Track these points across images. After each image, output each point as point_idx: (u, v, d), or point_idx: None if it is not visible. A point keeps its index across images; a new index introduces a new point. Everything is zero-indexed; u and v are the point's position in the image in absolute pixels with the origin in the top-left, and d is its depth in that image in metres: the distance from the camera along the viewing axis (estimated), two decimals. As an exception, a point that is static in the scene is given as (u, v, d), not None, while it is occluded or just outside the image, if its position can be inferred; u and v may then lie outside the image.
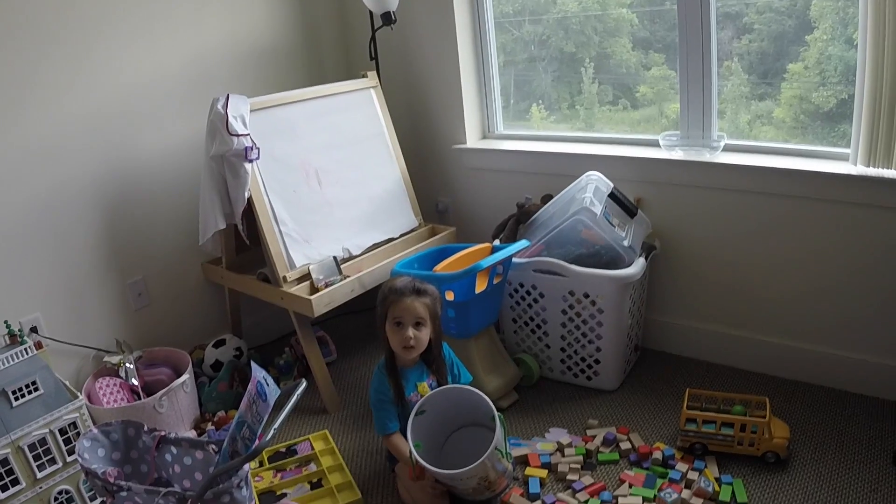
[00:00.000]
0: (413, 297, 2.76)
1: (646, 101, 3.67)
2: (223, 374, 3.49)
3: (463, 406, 2.76)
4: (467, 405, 2.74)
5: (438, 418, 2.75)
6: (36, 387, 2.68)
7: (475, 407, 2.71)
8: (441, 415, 2.76)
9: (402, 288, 2.78)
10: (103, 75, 3.27)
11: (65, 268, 3.27)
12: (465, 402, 2.74)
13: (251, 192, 3.18)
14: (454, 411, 2.78)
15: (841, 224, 2.99)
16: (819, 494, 2.60)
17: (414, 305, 2.76)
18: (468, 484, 2.58)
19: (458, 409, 2.78)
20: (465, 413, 2.78)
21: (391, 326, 2.78)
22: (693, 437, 2.83)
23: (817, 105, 3.14)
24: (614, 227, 3.15)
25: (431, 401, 2.73)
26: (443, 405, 2.75)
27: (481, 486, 2.62)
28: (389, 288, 2.80)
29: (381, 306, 2.80)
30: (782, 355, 3.30)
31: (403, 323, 2.76)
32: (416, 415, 2.68)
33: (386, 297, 2.79)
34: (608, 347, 3.27)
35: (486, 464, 2.53)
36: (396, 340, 2.78)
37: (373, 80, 3.82)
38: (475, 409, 2.72)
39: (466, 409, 2.76)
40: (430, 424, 2.73)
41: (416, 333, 2.76)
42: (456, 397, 2.76)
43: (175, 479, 2.52)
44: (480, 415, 2.71)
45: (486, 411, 2.66)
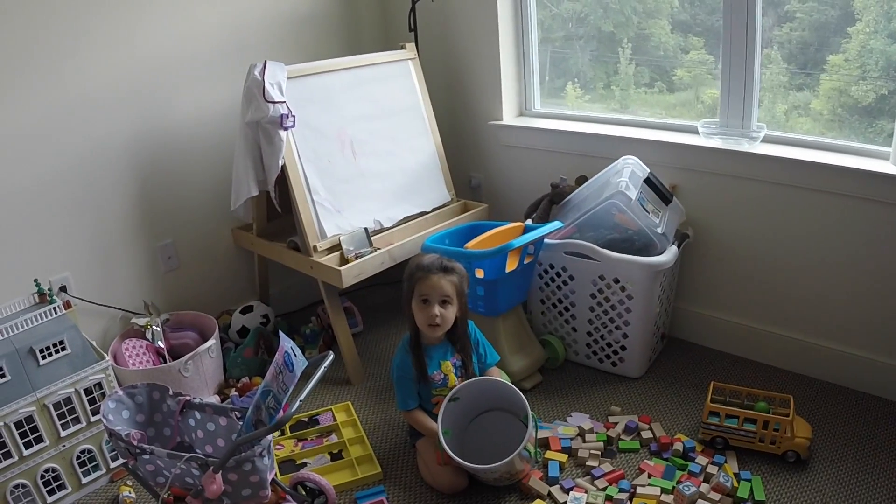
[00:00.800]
0: (440, 274, 2.75)
1: (682, 85, 3.62)
2: (249, 340, 3.50)
3: (497, 400, 2.77)
4: (502, 400, 2.76)
5: (470, 404, 2.76)
6: (63, 346, 2.70)
7: (510, 403, 2.73)
8: (473, 403, 2.77)
9: (430, 265, 2.77)
10: (144, 38, 3.27)
11: (96, 228, 3.29)
12: (501, 396, 2.75)
13: (285, 160, 3.17)
14: (486, 401, 2.79)
15: (878, 224, 2.94)
16: (837, 498, 2.59)
17: (441, 283, 2.75)
18: (490, 475, 2.59)
19: (491, 400, 2.79)
20: (497, 403, 2.79)
21: (417, 303, 2.78)
22: (715, 430, 2.82)
23: (856, 99, 3.09)
24: (648, 213, 3.13)
25: (467, 389, 2.74)
26: (477, 395, 2.76)
27: (504, 477, 2.63)
28: (416, 265, 2.80)
29: (408, 283, 2.80)
30: (810, 354, 3.27)
31: (430, 300, 2.75)
32: (449, 401, 2.69)
33: (413, 273, 2.79)
34: (635, 334, 3.25)
35: (514, 460, 2.54)
36: (422, 318, 2.77)
37: (411, 52, 3.80)
38: (509, 405, 2.74)
39: (500, 403, 2.78)
40: (461, 411, 2.75)
41: (442, 311, 2.76)
42: (492, 390, 2.77)
43: (198, 444, 2.54)
44: (513, 409, 2.73)
45: (521, 409, 2.67)
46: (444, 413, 2.66)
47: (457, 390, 2.72)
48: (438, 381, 2.82)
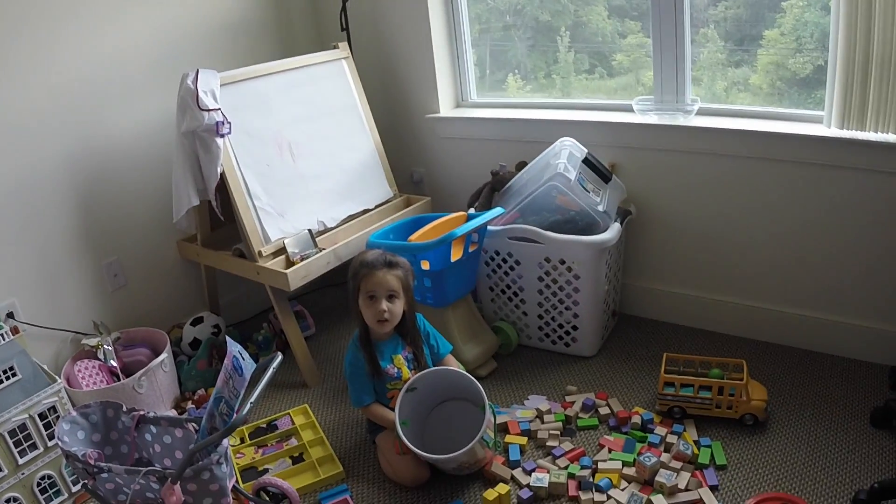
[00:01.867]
0: (385, 269, 2.76)
1: (622, 70, 3.65)
2: (202, 352, 3.48)
3: (454, 389, 2.78)
4: (458, 389, 2.77)
5: (427, 395, 2.77)
6: (14, 372, 2.66)
7: (467, 392, 2.74)
8: (431, 392, 2.77)
9: (374, 261, 2.77)
10: (71, 53, 3.22)
11: (38, 251, 3.23)
12: (457, 385, 2.76)
13: (224, 167, 3.14)
14: (443, 391, 2.80)
15: (816, 186, 3.00)
16: (797, 455, 2.63)
17: (386, 278, 2.75)
18: (453, 464, 2.60)
19: (449, 390, 2.80)
20: (454, 393, 2.80)
21: (364, 300, 2.78)
22: (671, 400, 2.85)
23: (794, 71, 3.15)
24: (589, 193, 3.15)
25: (423, 379, 2.75)
26: (433, 385, 2.77)
27: (465, 466, 2.65)
28: (360, 262, 2.80)
29: (353, 280, 2.80)
30: (759, 318, 3.32)
31: (377, 296, 2.75)
32: (406, 391, 2.70)
33: (357, 271, 2.78)
34: (585, 313, 3.28)
35: (474, 448, 2.56)
36: (370, 314, 2.77)
37: (344, 52, 3.79)
38: (466, 393, 2.75)
39: (456, 391, 2.79)
40: (419, 401, 2.75)
41: (389, 306, 2.76)
42: (448, 379, 2.78)
43: (156, 458, 2.52)
44: (471, 398, 2.74)
45: (478, 399, 2.68)
46: (401, 403, 2.67)
47: (413, 380, 2.72)
48: (392, 374, 2.82)
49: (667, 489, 2.48)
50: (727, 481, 2.56)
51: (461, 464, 2.61)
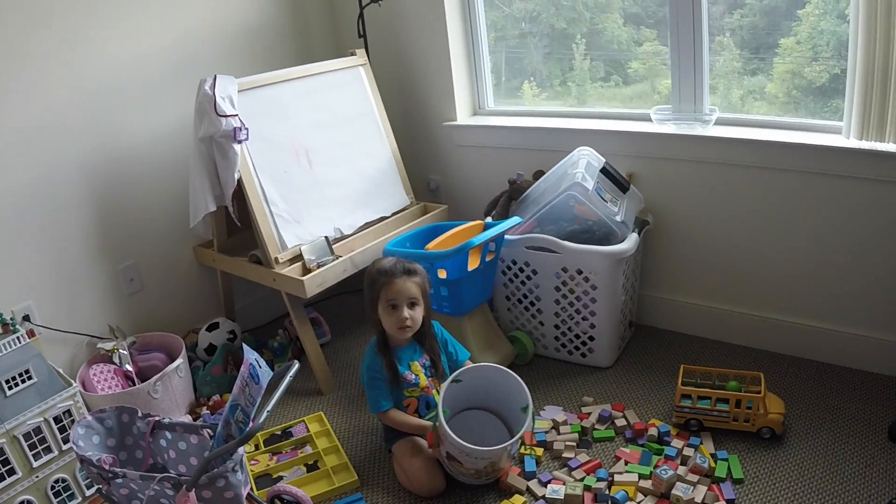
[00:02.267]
0: (405, 277, 2.76)
1: (638, 77, 3.64)
2: (217, 357, 3.48)
3: (497, 386, 2.75)
4: (502, 387, 2.74)
5: (468, 392, 2.72)
6: (29, 375, 2.67)
7: (509, 391, 2.71)
8: (471, 389, 2.73)
9: (392, 269, 2.77)
10: (90, 59, 3.24)
11: (56, 255, 3.25)
12: (502, 383, 2.74)
13: (241, 173, 3.15)
14: (484, 390, 2.76)
15: (834, 197, 2.98)
16: (815, 470, 2.61)
17: (407, 286, 2.75)
18: (479, 464, 2.57)
19: (490, 388, 2.76)
20: (494, 394, 2.76)
21: (385, 309, 2.77)
22: (688, 413, 2.83)
23: (810, 80, 3.13)
24: (606, 203, 3.14)
25: (470, 373, 2.72)
26: (479, 380, 2.74)
27: (487, 470, 2.62)
28: (378, 270, 2.79)
29: (371, 290, 2.79)
30: (777, 330, 3.30)
31: (398, 304, 2.75)
32: (451, 382, 2.67)
33: (376, 279, 2.78)
34: (602, 324, 3.27)
35: (508, 450, 2.55)
36: (392, 322, 2.77)
37: (361, 58, 3.79)
38: (508, 393, 2.72)
39: (498, 391, 2.75)
40: (457, 397, 2.71)
41: (411, 313, 2.76)
42: (494, 376, 2.75)
43: (170, 464, 2.52)
44: (507, 400, 2.72)
45: (521, 399, 2.67)
46: (444, 394, 2.64)
47: (460, 372, 2.70)
48: (410, 381, 2.82)
49: (683, 502, 2.47)
50: (744, 495, 2.54)
51: (485, 467, 2.59)
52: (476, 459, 2.55)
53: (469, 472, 2.62)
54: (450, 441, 2.54)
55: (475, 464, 2.58)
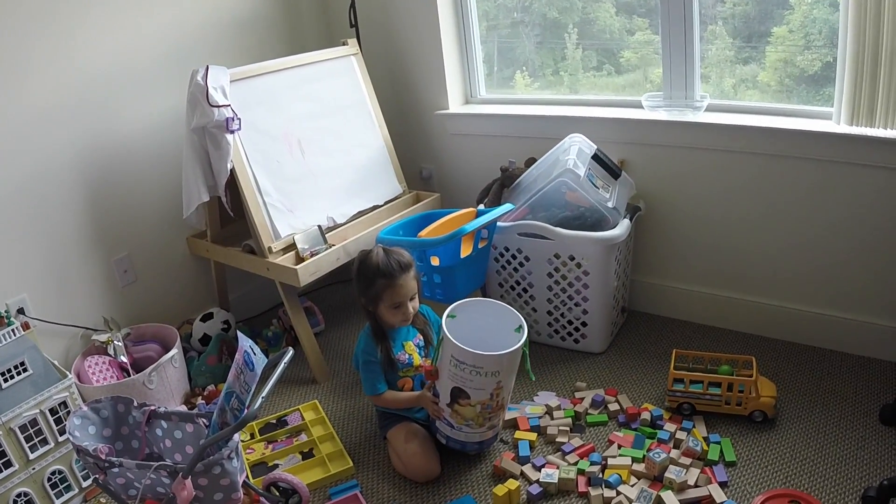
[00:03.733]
0: (404, 275, 2.75)
1: (630, 67, 3.65)
2: (211, 347, 3.49)
3: (489, 315, 2.74)
4: (494, 314, 2.73)
5: (461, 331, 2.62)
6: (25, 367, 2.68)
7: (501, 316, 2.72)
8: (465, 326, 2.67)
9: (389, 269, 2.73)
10: (82, 50, 3.23)
11: (49, 247, 3.25)
12: (493, 311, 2.74)
13: (234, 163, 3.16)
14: (476, 326, 2.71)
15: (825, 183, 2.99)
16: (807, 452, 2.64)
17: (408, 284, 2.76)
18: (485, 390, 2.56)
19: (482, 321, 2.73)
20: (487, 327, 2.72)
21: (389, 309, 2.78)
22: (681, 397, 2.86)
23: (802, 68, 3.14)
24: (598, 189, 3.15)
25: (461, 308, 2.71)
26: (471, 313, 2.72)
27: (490, 409, 2.62)
28: (375, 270, 2.75)
29: (370, 289, 2.77)
30: (768, 315, 3.32)
31: (403, 303, 2.77)
32: (447, 318, 2.65)
33: (373, 280, 2.75)
34: (595, 310, 3.28)
35: (507, 364, 2.55)
36: (396, 318, 2.79)
37: (353, 48, 3.79)
38: (500, 321, 2.71)
39: (490, 321, 2.73)
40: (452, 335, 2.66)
41: (413, 305, 2.79)
42: (484, 306, 2.76)
43: (166, 453, 2.53)
44: (500, 328, 2.70)
45: (513, 321, 2.68)
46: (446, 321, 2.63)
47: (453, 308, 2.68)
48: (404, 361, 2.84)
49: (676, 485, 2.49)
50: (736, 478, 2.56)
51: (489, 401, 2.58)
52: (483, 377, 2.52)
53: (472, 416, 2.61)
54: (454, 354, 2.52)
55: (480, 390, 2.56)
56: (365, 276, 2.79)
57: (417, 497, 2.68)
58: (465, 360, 2.50)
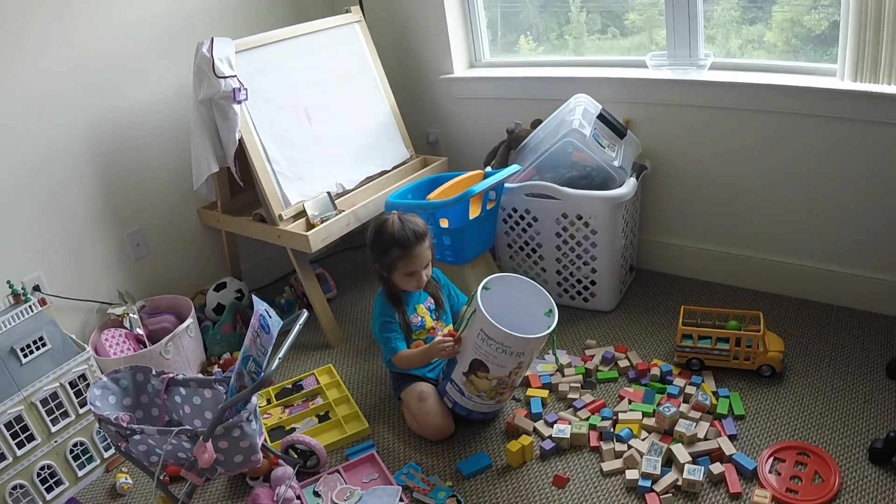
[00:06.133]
0: (418, 244, 2.77)
1: (635, 29, 3.63)
2: (226, 316, 3.53)
3: (522, 293, 2.75)
4: (526, 293, 2.75)
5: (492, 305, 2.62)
6: (43, 342, 2.72)
7: (533, 298, 2.73)
8: (497, 300, 2.66)
9: (405, 238, 2.75)
10: (87, 28, 3.24)
11: (62, 224, 3.28)
12: (526, 290, 2.75)
13: (242, 133, 3.18)
14: (508, 302, 2.71)
15: (829, 139, 3.00)
16: (814, 406, 2.67)
17: (423, 253, 2.80)
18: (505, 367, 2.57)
19: (514, 298, 2.73)
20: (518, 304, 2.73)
21: (403, 277, 2.81)
22: (689, 352, 2.88)
23: (809, 28, 3.11)
24: (604, 148, 3.16)
25: (497, 281, 2.70)
26: (505, 288, 2.72)
27: (505, 384, 2.64)
28: (390, 239, 2.77)
29: (385, 257, 2.80)
30: (775, 271, 3.34)
31: (417, 271, 2.80)
32: (482, 289, 2.63)
33: (388, 250, 2.78)
34: (603, 268, 3.31)
35: (533, 347, 2.56)
36: (411, 284, 2.83)
37: (356, 15, 3.80)
38: (532, 298, 2.73)
39: (522, 299, 2.74)
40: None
41: (426, 272, 2.83)
42: (518, 284, 2.76)
43: (186, 419, 2.57)
44: (531, 308, 2.72)
45: (544, 303, 2.69)
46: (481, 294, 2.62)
47: (488, 280, 2.66)
48: (417, 324, 2.88)
49: (686, 438, 2.52)
50: (745, 431, 2.59)
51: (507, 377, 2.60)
52: (507, 355, 2.53)
53: (486, 388, 2.64)
54: (484, 328, 2.52)
55: (501, 367, 2.57)
56: (381, 245, 2.81)
57: (432, 455, 2.73)
58: (493, 336, 2.51)
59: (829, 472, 2.34)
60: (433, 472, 2.65)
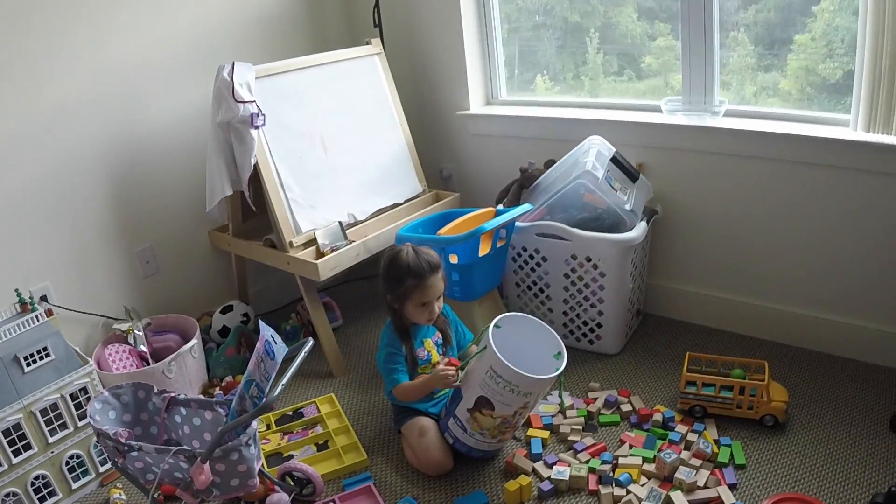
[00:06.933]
0: (432, 275, 2.78)
1: (651, 72, 3.65)
2: (230, 339, 3.53)
3: (532, 334, 2.76)
4: (536, 334, 2.76)
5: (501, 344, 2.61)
6: (47, 352, 2.72)
7: (542, 340, 2.74)
8: (506, 339, 2.66)
9: (419, 269, 2.77)
10: (109, 44, 3.28)
11: (73, 236, 3.30)
12: (536, 331, 2.76)
13: (257, 158, 3.19)
14: (517, 340, 2.72)
15: (840, 190, 3.00)
16: (816, 458, 2.65)
17: (437, 284, 2.80)
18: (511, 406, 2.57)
19: (523, 338, 2.74)
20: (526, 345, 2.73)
21: (416, 308, 2.82)
22: (693, 399, 2.87)
23: (824, 77, 3.13)
24: (616, 191, 3.17)
25: (507, 320, 2.72)
26: (514, 327, 2.73)
27: (510, 424, 2.64)
28: (405, 269, 2.78)
29: (399, 288, 2.80)
30: (782, 321, 3.33)
31: (430, 302, 2.80)
32: (493, 327, 2.64)
33: (402, 280, 2.78)
34: (610, 311, 3.30)
35: (541, 388, 2.58)
36: (422, 316, 2.83)
37: (377, 48, 3.83)
38: (541, 341, 2.74)
39: (531, 340, 2.75)
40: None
41: (438, 305, 2.84)
42: (528, 323, 2.77)
43: (185, 440, 2.57)
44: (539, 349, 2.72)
45: (553, 346, 2.70)
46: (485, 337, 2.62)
47: (499, 319, 2.68)
48: (423, 357, 2.87)
49: (686, 486, 2.50)
50: (746, 480, 2.57)
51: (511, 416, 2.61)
52: (514, 395, 2.53)
53: (489, 427, 2.63)
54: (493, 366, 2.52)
55: (507, 406, 2.57)
56: (395, 275, 2.81)
57: (430, 490, 2.71)
58: (503, 374, 2.51)
59: (829, 526, 2.33)
60: (430, 507, 2.64)
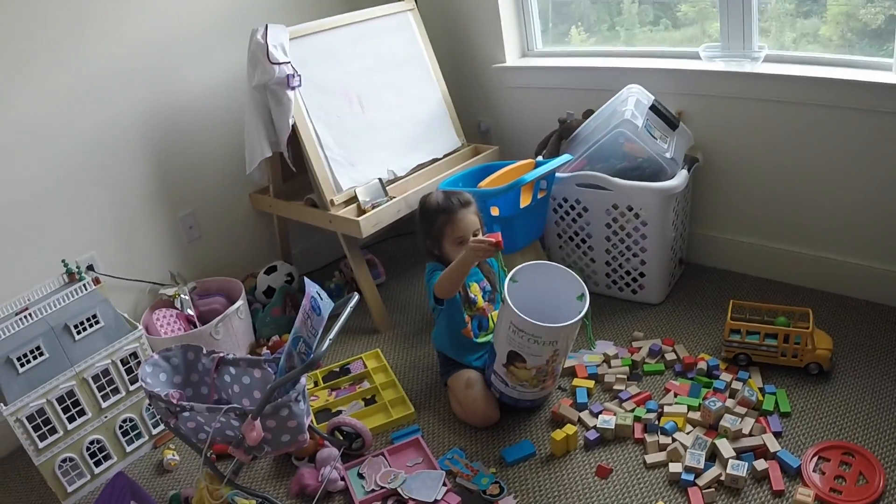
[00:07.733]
0: (463, 210, 2.81)
1: (687, 21, 3.59)
2: (276, 299, 3.57)
3: (552, 280, 2.75)
4: (557, 279, 2.75)
5: (522, 296, 2.64)
6: (97, 320, 2.78)
7: (564, 284, 2.73)
8: (527, 291, 2.68)
9: (449, 205, 2.81)
10: (144, 15, 3.31)
11: (117, 205, 3.35)
12: (556, 276, 2.75)
13: (295, 119, 3.21)
14: (539, 290, 2.72)
15: (883, 134, 2.94)
16: (861, 406, 2.63)
17: (469, 218, 2.82)
18: (541, 356, 2.58)
19: (544, 286, 2.74)
20: (548, 292, 2.73)
21: (453, 245, 2.83)
22: (737, 347, 2.86)
23: (865, 22, 3.06)
24: (656, 140, 3.15)
25: (524, 270, 2.72)
26: (534, 278, 2.73)
27: (544, 372, 2.64)
28: (435, 208, 2.83)
29: (432, 227, 2.84)
30: (825, 268, 3.30)
31: (466, 237, 2.80)
32: (510, 282, 2.64)
33: (435, 218, 2.82)
34: (652, 261, 3.30)
35: (565, 335, 2.57)
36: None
37: (410, 3, 3.82)
38: (563, 286, 2.73)
39: (552, 287, 2.74)
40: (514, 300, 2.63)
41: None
42: (547, 270, 2.77)
43: (234, 398, 2.61)
44: (562, 294, 2.72)
45: (576, 288, 2.69)
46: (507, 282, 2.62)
47: (515, 272, 2.68)
48: (471, 299, 2.90)
49: (731, 434, 2.51)
50: (791, 428, 2.57)
51: (544, 365, 2.61)
52: (540, 345, 2.54)
53: (527, 378, 2.64)
54: (514, 322, 2.53)
55: (537, 356, 2.58)
56: (427, 216, 2.86)
57: (477, 441, 2.74)
58: (523, 328, 2.52)
59: (874, 473, 2.31)
60: (477, 458, 2.67)
